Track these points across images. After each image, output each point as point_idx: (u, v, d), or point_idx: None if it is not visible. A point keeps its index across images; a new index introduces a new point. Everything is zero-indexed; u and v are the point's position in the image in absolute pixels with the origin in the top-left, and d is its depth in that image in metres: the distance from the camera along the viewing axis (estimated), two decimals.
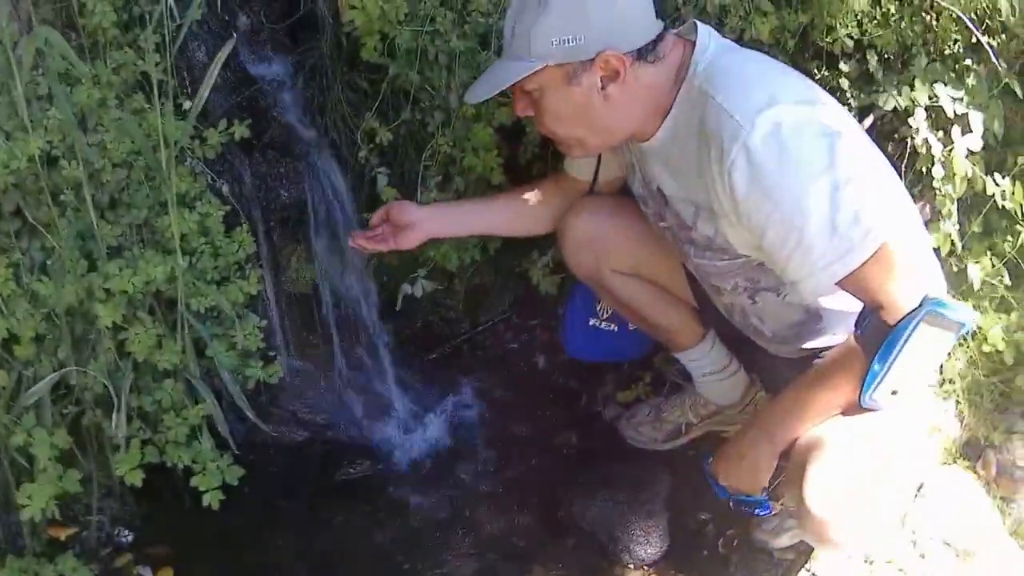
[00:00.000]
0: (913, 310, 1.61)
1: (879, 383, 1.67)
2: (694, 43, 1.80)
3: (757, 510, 1.96)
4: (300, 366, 2.62)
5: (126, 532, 2.35)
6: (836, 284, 1.68)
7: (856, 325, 1.73)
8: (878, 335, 1.65)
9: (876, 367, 1.65)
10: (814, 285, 1.69)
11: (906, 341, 1.62)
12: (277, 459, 2.56)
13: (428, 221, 2.22)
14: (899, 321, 1.62)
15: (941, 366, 2.43)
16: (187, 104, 2.19)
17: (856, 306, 1.75)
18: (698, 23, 1.83)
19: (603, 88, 1.76)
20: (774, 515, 2.09)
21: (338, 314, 2.60)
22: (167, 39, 2.02)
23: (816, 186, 1.61)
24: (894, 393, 1.69)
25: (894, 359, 1.64)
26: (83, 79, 2.04)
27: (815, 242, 1.63)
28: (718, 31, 2.29)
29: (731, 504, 1.98)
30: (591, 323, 2.53)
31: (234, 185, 2.27)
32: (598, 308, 2.51)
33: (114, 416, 2.02)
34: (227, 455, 2.18)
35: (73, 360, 2.06)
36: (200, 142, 2.21)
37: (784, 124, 1.63)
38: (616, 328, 2.55)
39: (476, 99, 1.87)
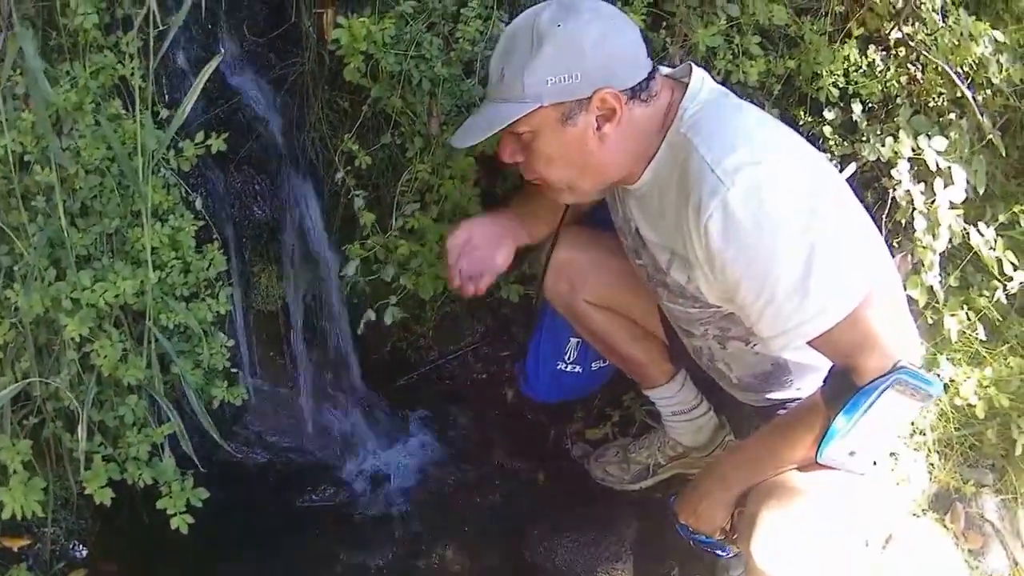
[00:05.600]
0: (884, 374, 1.66)
1: (839, 440, 1.73)
2: (686, 86, 1.84)
3: (715, 551, 2.06)
4: (265, 387, 2.66)
5: (80, 546, 2.38)
6: (807, 343, 1.73)
7: (825, 382, 1.80)
8: (844, 393, 1.71)
9: (838, 424, 1.71)
10: (783, 342, 1.74)
11: (872, 404, 1.68)
12: (238, 480, 2.59)
13: (514, 233, 2.21)
14: (868, 383, 1.67)
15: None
16: (164, 112, 2.23)
17: (824, 362, 1.80)
18: (693, 66, 1.87)
19: (599, 128, 1.80)
20: (737, 558, 2.18)
21: (306, 336, 2.65)
22: (150, 44, 2.03)
23: (792, 247, 1.66)
24: (852, 454, 1.76)
25: (857, 419, 1.70)
26: (60, 80, 2.08)
27: (786, 302, 1.68)
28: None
29: (691, 543, 2.06)
30: (558, 367, 2.58)
31: (207, 199, 2.31)
32: (565, 352, 2.57)
33: (79, 430, 2.06)
34: (189, 474, 2.20)
35: (36, 370, 2.09)
36: (175, 153, 2.23)
37: (764, 183, 1.66)
38: (580, 370, 2.60)
39: (465, 143, 1.88)
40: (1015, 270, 2.57)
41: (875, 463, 1.83)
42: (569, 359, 2.58)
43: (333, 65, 2.42)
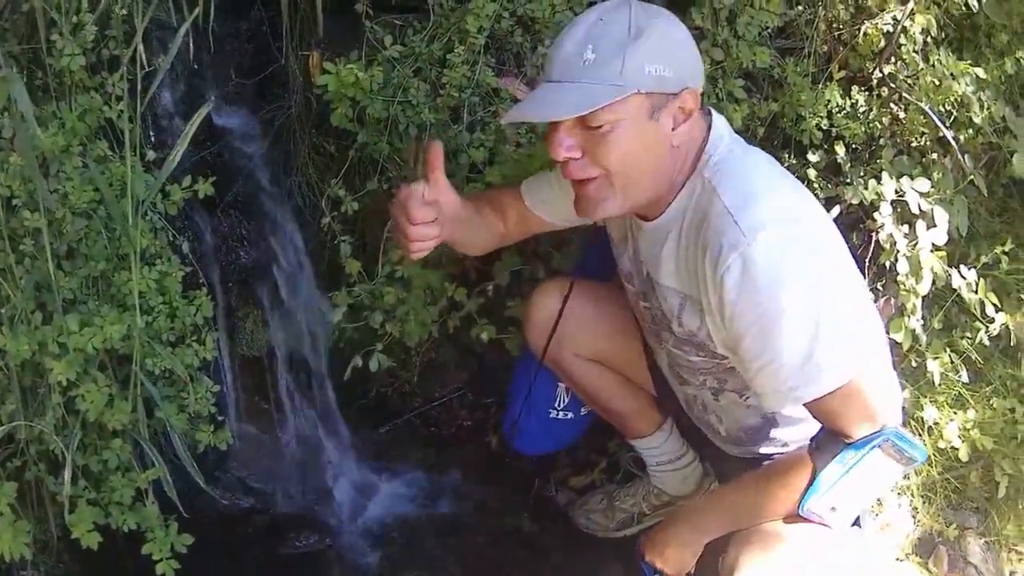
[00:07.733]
0: (872, 434, 1.74)
1: (822, 494, 1.81)
2: (707, 127, 1.88)
3: None
4: (250, 432, 2.73)
5: None
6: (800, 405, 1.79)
7: (812, 440, 1.86)
8: (832, 449, 1.78)
9: (823, 477, 1.79)
10: (776, 401, 1.80)
11: (858, 461, 1.76)
12: (222, 526, 2.64)
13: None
14: (855, 440, 1.76)
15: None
16: (151, 154, 2.30)
17: (812, 423, 1.86)
18: (712, 110, 1.90)
19: (674, 129, 1.79)
20: None
21: (291, 381, 2.71)
22: (137, 85, 2.11)
23: (802, 310, 1.69)
24: (833, 509, 1.83)
25: (842, 475, 1.78)
26: (47, 122, 2.15)
27: (786, 364, 1.72)
28: None
29: None
30: (550, 415, 2.61)
31: (194, 244, 2.38)
32: (556, 398, 2.59)
33: (65, 474, 2.12)
34: (172, 519, 2.27)
35: (21, 413, 2.16)
36: (162, 196, 2.28)
37: (785, 243, 1.71)
38: (572, 415, 2.63)
39: (553, 117, 1.77)
40: (997, 311, 2.64)
41: (854, 522, 1.93)
42: (560, 405, 2.60)
43: (320, 108, 2.49)
